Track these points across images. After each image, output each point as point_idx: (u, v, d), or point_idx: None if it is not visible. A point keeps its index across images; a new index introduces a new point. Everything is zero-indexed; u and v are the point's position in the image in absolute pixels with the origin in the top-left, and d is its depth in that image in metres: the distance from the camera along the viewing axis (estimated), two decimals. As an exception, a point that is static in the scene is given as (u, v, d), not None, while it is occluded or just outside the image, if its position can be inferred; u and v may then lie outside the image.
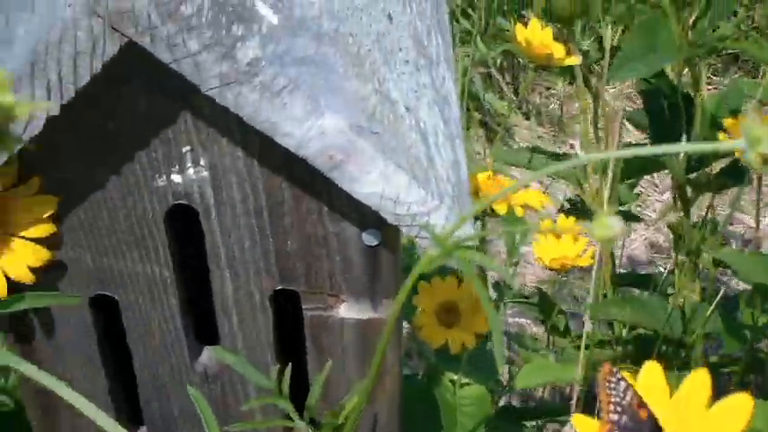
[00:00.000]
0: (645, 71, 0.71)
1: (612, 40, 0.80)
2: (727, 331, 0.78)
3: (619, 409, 0.38)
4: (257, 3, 0.41)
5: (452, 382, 0.63)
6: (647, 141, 0.92)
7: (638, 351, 0.84)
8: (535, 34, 0.78)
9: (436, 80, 0.47)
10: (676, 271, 0.91)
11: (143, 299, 0.49)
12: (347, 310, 0.48)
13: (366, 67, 0.43)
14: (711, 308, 0.83)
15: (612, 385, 0.38)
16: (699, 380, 0.38)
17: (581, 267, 0.76)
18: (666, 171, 1.62)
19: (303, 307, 0.48)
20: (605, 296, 0.84)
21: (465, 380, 0.63)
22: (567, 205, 0.87)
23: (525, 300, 0.90)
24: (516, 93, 1.66)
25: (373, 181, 0.41)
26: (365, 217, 0.45)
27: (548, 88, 1.74)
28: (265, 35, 0.40)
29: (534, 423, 0.88)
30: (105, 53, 0.39)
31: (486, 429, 0.70)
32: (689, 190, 0.85)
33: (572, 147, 1.62)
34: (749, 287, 0.88)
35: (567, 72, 0.79)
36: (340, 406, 0.47)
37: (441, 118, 0.45)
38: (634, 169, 0.84)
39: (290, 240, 0.46)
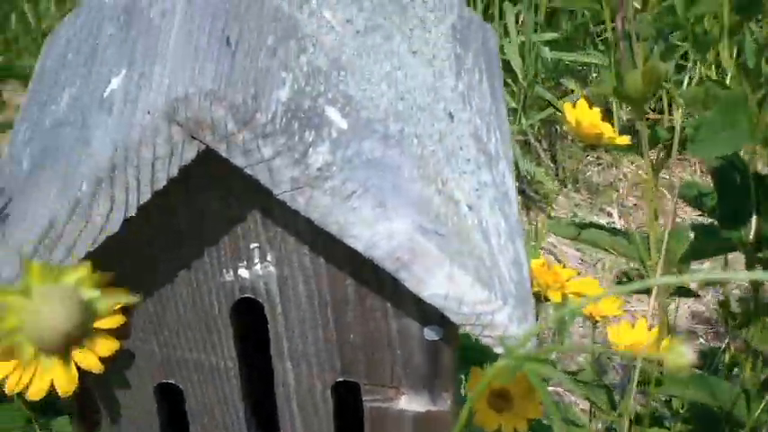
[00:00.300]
0: (727, 148, 0.71)
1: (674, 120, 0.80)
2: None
3: None
4: (327, 108, 0.42)
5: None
6: (699, 218, 0.92)
7: (697, 429, 0.84)
8: (584, 114, 0.79)
9: (496, 177, 0.48)
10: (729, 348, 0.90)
11: (207, 388, 0.50)
12: (407, 403, 0.49)
13: (430, 167, 0.44)
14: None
15: None
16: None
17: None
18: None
19: (363, 398, 0.49)
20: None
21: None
22: (624, 279, 0.87)
23: (572, 376, 0.90)
24: (554, 160, 1.67)
25: (438, 282, 0.42)
26: (428, 313, 0.46)
27: (586, 155, 1.75)
28: (335, 140, 0.41)
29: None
30: (183, 159, 0.40)
31: None
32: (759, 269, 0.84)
33: (610, 215, 1.62)
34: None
35: (630, 150, 0.79)
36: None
37: (502, 216, 0.46)
38: (704, 251, 0.83)
39: (353, 334, 0.47)
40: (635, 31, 0.69)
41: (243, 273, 0.46)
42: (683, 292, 0.90)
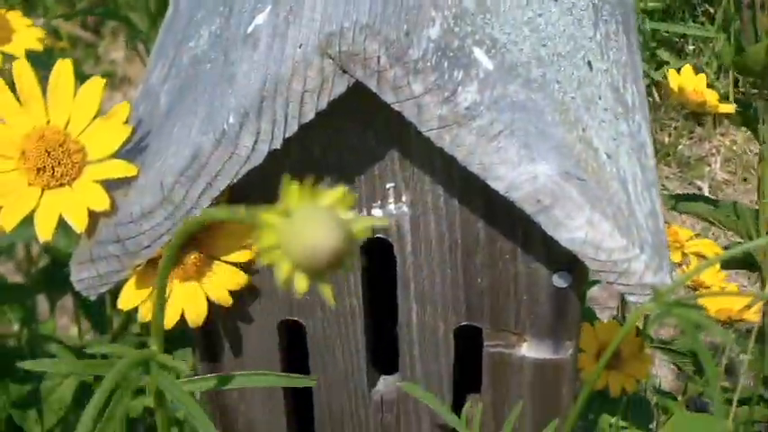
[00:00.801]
0: None
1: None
2: None
3: None
4: (475, 49, 0.42)
5: (609, 425, 0.63)
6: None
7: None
8: (688, 80, 0.78)
9: (633, 128, 0.47)
10: None
11: (330, 326, 0.50)
12: (528, 350, 0.49)
13: (570, 114, 0.44)
14: None
15: None
16: None
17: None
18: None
19: (485, 343, 0.49)
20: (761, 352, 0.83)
21: (623, 424, 0.63)
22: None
23: (667, 346, 0.89)
24: (645, 133, 1.65)
25: (578, 227, 0.42)
26: (557, 260, 0.46)
27: (675, 128, 1.73)
28: (482, 80, 0.41)
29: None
30: (332, 93, 0.40)
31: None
32: None
33: (700, 189, 1.60)
34: None
35: (742, 122, 0.78)
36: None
37: (638, 166, 0.46)
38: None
39: (481, 278, 0.47)
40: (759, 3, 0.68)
41: (376, 212, 0.46)
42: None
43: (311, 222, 0.26)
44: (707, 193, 1.57)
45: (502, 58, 0.43)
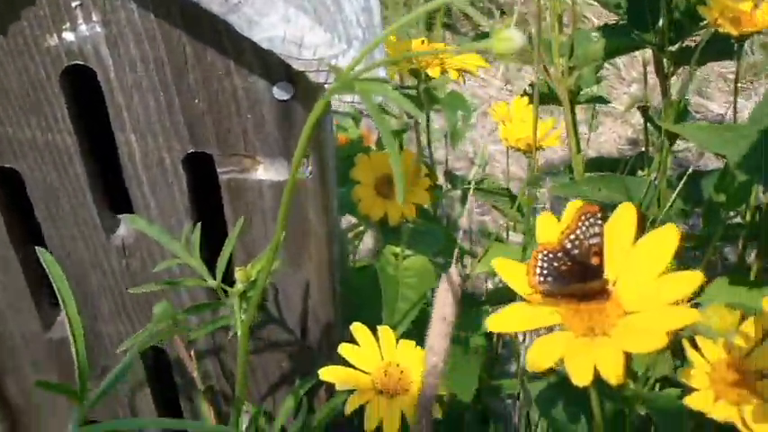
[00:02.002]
0: None
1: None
2: (705, 209, 0.76)
3: (576, 243, 0.36)
4: None
5: (395, 255, 0.61)
6: (614, 23, 0.87)
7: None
8: None
9: None
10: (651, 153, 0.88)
11: (46, 169, 0.46)
12: (264, 172, 0.46)
13: None
14: (682, 182, 0.81)
15: (586, 221, 0.36)
16: (625, 216, 0.36)
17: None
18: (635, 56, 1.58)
19: (218, 170, 0.46)
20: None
21: (408, 252, 0.61)
22: (529, 90, 0.84)
23: (479, 187, 0.87)
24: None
25: (273, 24, 0.38)
26: (274, 69, 0.42)
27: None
28: None
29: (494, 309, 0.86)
30: None
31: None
32: (666, 64, 0.81)
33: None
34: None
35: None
36: (252, 265, 0.45)
37: (350, -41, 0.42)
38: (616, 49, 0.80)
39: (198, 99, 0.43)
40: None
41: (68, 36, 0.42)
42: (598, 99, 0.87)
43: None
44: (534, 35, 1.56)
45: None
